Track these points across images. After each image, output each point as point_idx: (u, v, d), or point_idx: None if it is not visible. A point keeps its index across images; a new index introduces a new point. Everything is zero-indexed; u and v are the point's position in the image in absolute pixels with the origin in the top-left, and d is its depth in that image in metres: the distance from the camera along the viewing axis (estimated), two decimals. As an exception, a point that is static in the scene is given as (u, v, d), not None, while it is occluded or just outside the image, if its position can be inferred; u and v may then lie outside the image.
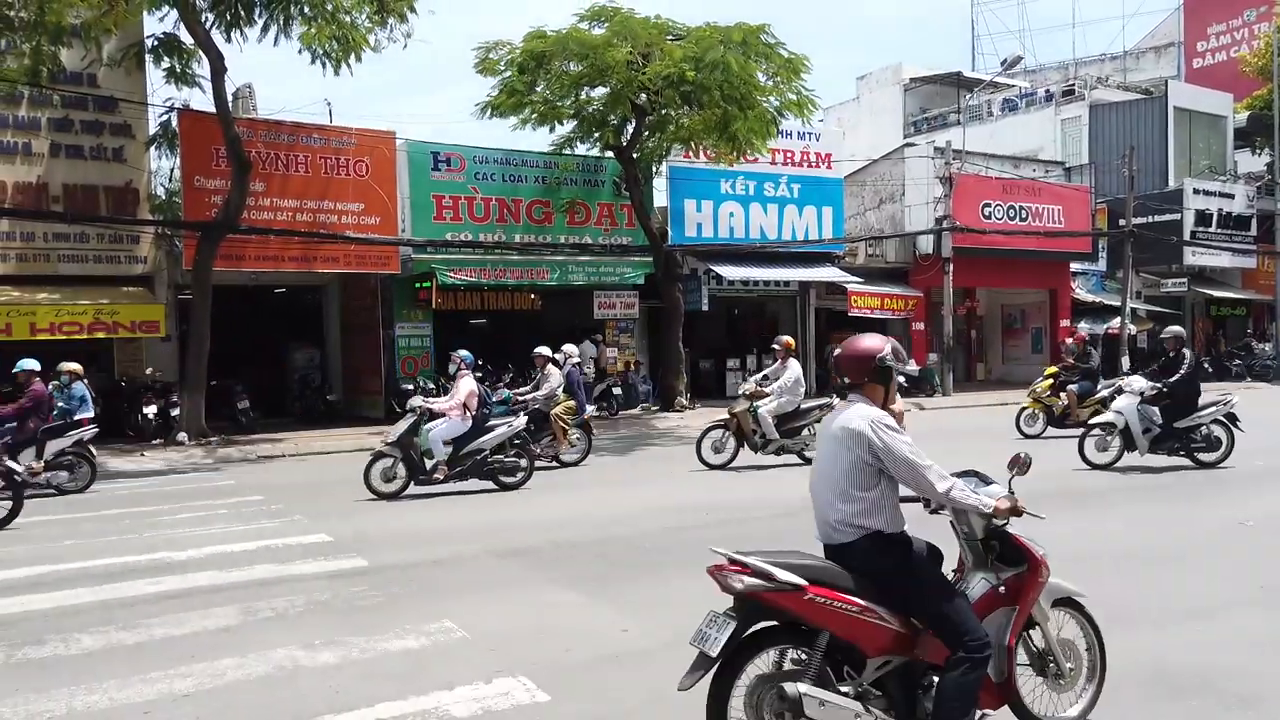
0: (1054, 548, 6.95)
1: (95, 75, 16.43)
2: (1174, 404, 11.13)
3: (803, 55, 17.12)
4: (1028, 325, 29.59)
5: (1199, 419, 11.15)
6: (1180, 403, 11.16)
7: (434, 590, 6.25)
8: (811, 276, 23.28)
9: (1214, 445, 11.24)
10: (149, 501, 10.42)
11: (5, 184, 16.05)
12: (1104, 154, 30.45)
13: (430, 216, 19.04)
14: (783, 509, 8.99)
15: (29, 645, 5.21)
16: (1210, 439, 11.24)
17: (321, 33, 14.20)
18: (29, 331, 15.04)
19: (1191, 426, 11.13)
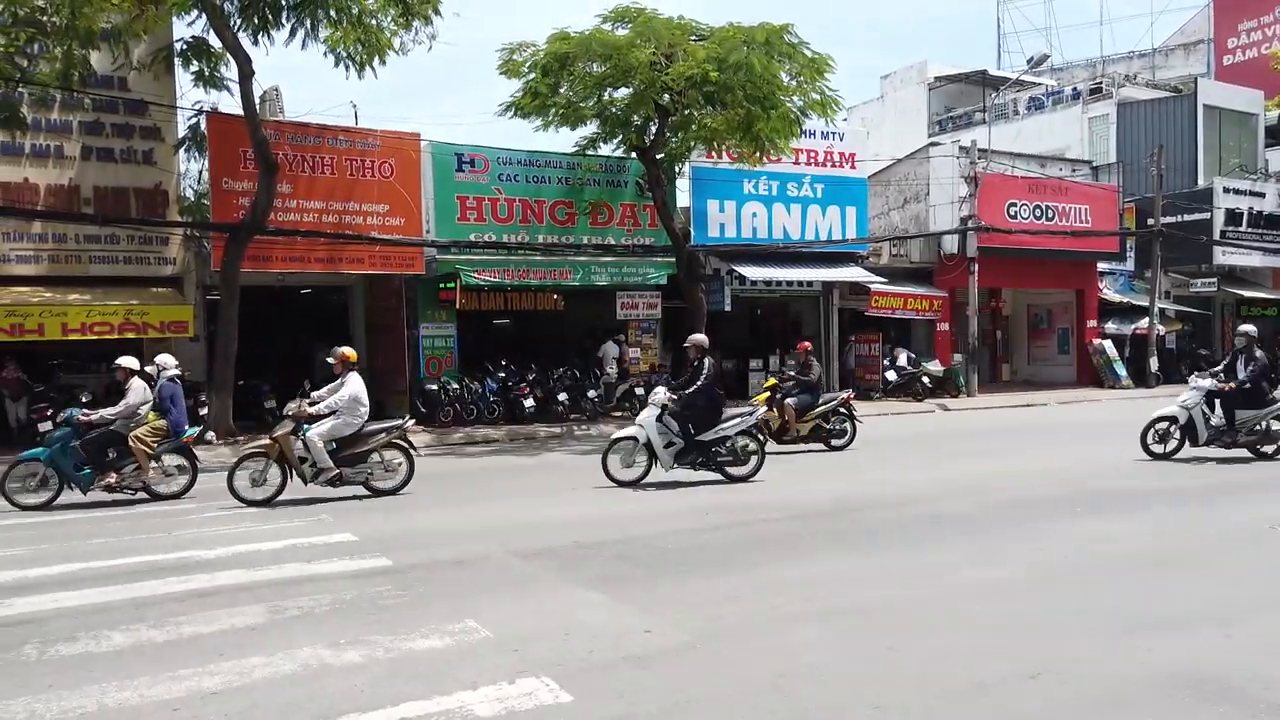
0: (1095, 548, 6.91)
1: (125, 79, 16.64)
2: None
3: (826, 55, 17.05)
4: (1054, 326, 29.33)
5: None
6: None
7: (457, 590, 6.30)
8: (835, 276, 23.20)
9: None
10: (177, 500, 10.55)
11: (38, 186, 16.31)
12: (1132, 153, 30.14)
13: (454, 217, 19.15)
14: (795, 511, 9.00)
15: (61, 642, 5.30)
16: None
17: (347, 36, 14.32)
18: (61, 331, 15.26)
19: None
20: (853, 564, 6.89)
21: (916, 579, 6.45)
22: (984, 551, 7.24)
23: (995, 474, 11.36)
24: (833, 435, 14.14)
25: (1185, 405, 11.83)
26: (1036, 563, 6.85)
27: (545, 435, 17.37)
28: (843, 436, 14.24)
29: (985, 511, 8.90)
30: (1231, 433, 11.75)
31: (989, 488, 10.26)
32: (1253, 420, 11.77)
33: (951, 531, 8.05)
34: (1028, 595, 6.00)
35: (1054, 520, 8.41)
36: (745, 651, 4.95)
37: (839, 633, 5.23)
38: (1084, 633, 5.20)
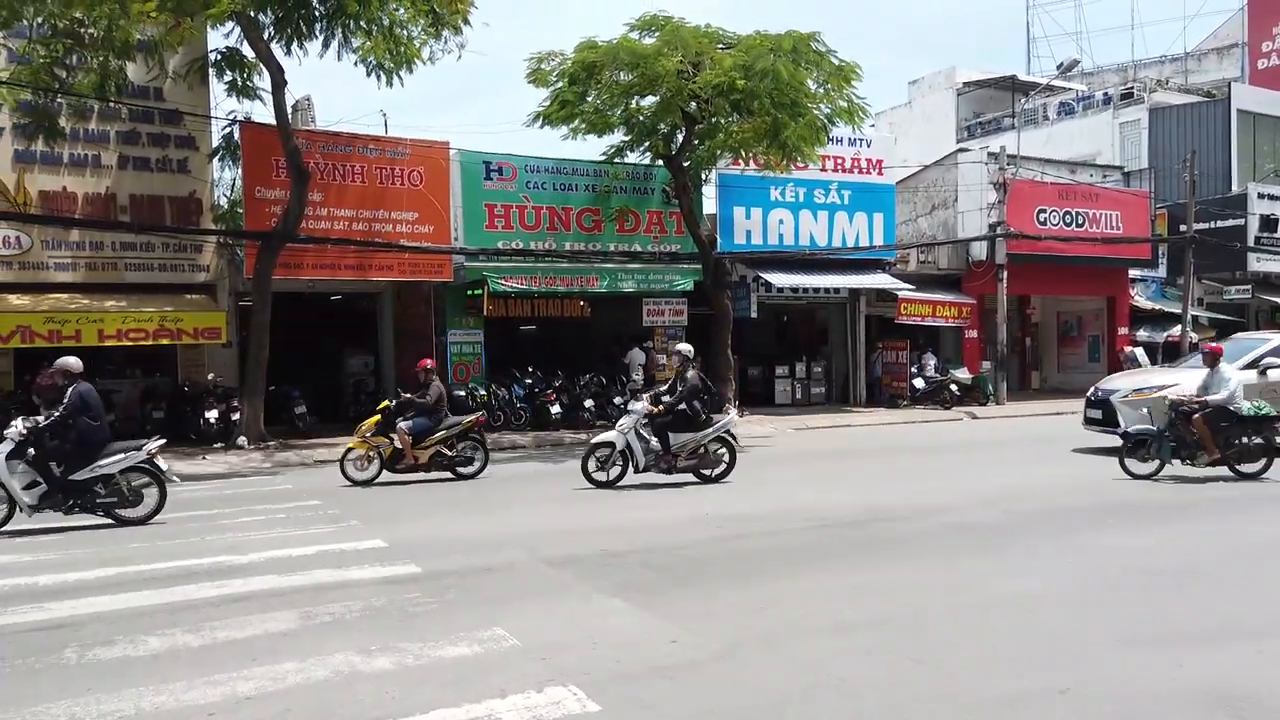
0: (1104, 562, 6.86)
1: (161, 89, 16.95)
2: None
3: (853, 63, 17.03)
4: (1085, 333, 29.04)
5: None
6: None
7: (486, 597, 6.35)
8: (862, 283, 23.12)
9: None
10: (211, 505, 10.72)
11: (76, 195, 16.63)
12: (1164, 158, 29.82)
13: (482, 225, 19.30)
14: (820, 521, 8.99)
15: (99, 646, 5.40)
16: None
17: (378, 46, 14.50)
18: (97, 338, 15.54)
19: None
20: (878, 575, 6.87)
21: (943, 590, 6.43)
22: (1011, 563, 7.21)
23: (1023, 485, 11.27)
24: (458, 462, 12.24)
25: (622, 430, 11.38)
26: (1064, 575, 6.81)
27: (571, 441, 17.42)
28: (469, 464, 12.37)
29: (1012, 523, 8.85)
30: (668, 457, 11.32)
31: (1016, 498, 10.19)
32: (690, 444, 11.40)
33: (978, 543, 8.01)
34: (1055, 608, 5.97)
35: (1082, 532, 8.34)
36: (772, 662, 4.96)
37: (866, 644, 5.23)
38: (1113, 646, 5.17)
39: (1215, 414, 11.21)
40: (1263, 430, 11.26)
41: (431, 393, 12.41)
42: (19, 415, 10.00)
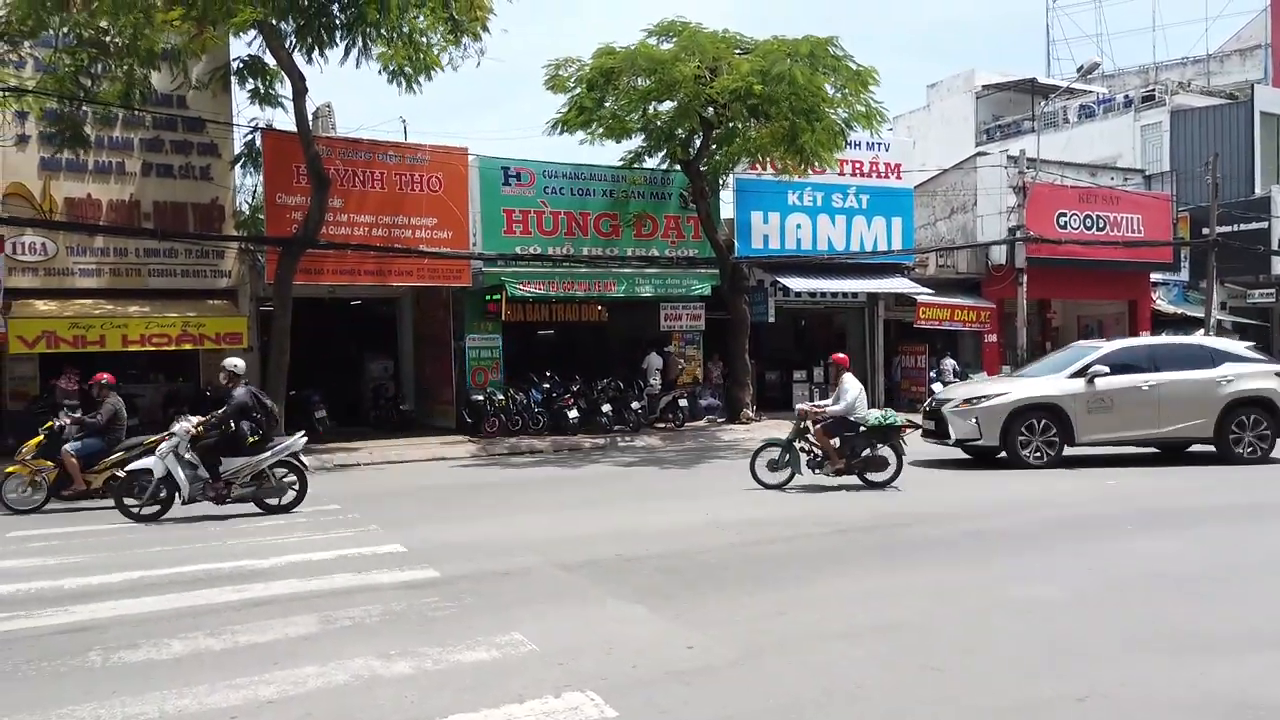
0: (1129, 567, 6.81)
1: (184, 97, 17.15)
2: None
3: (871, 67, 17.03)
4: (1106, 337, 28.79)
5: None
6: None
7: (503, 602, 6.39)
8: (880, 288, 23.07)
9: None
10: (233, 508, 10.80)
11: (100, 202, 16.85)
12: (1186, 161, 29.58)
13: (501, 230, 19.40)
14: (837, 525, 8.98)
15: (124, 649, 5.48)
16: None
17: (398, 53, 14.62)
18: (121, 343, 15.72)
19: None
20: (896, 580, 6.86)
21: (961, 596, 6.41)
22: (1029, 569, 7.18)
23: (1041, 491, 11.22)
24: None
25: (160, 455, 10.04)
26: (1083, 581, 6.77)
27: (589, 446, 17.48)
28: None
29: (1031, 529, 8.81)
30: (218, 484, 10.15)
31: (1035, 504, 10.15)
32: (246, 469, 10.21)
33: (996, 548, 7.98)
34: (1074, 614, 5.94)
35: (1101, 538, 8.29)
36: (789, 668, 4.97)
37: (883, 651, 5.23)
38: (1132, 654, 5.14)
39: (836, 424, 11.23)
40: (890, 439, 11.22)
41: (104, 411, 11.13)
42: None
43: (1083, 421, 12.86)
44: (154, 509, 10.05)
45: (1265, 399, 13.10)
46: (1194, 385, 13.01)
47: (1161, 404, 12.91)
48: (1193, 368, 13.19)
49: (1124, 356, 13.28)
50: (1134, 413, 12.89)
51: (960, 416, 13.07)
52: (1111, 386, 12.88)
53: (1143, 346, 14.02)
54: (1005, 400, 12.90)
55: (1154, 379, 12.99)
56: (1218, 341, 14.54)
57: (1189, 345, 14.17)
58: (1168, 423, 12.95)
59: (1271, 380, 13.24)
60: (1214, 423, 12.96)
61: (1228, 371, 13.13)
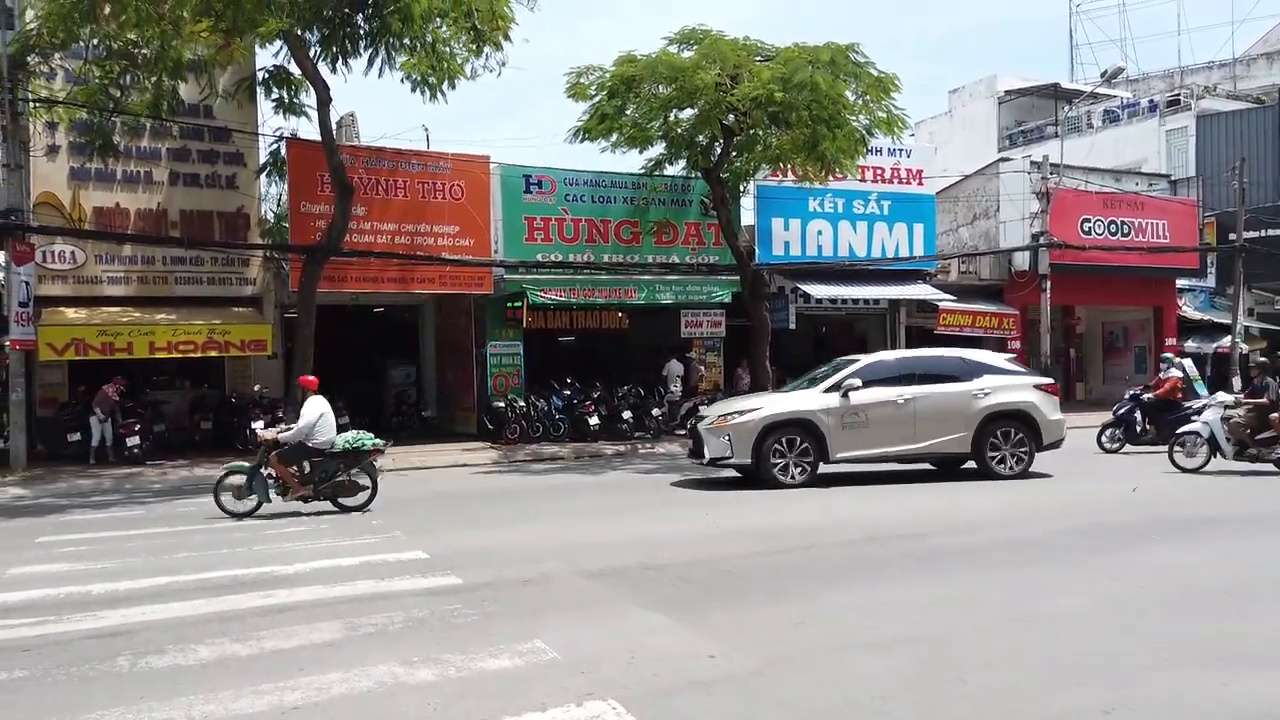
0: (1150, 579, 6.74)
1: (211, 107, 17.37)
2: None
3: (892, 74, 16.97)
4: (1131, 344, 28.58)
5: None
6: None
7: (525, 609, 6.42)
8: (902, 294, 22.98)
9: None
10: (257, 515, 10.91)
11: (128, 211, 17.09)
12: (1212, 166, 29.30)
13: (522, 238, 19.50)
14: (860, 534, 8.95)
15: (151, 654, 5.54)
16: None
17: (421, 63, 14.74)
18: (148, 350, 15.92)
19: None
20: (918, 590, 6.83)
21: (983, 607, 6.37)
22: (1054, 579, 7.12)
23: (1062, 500, 11.13)
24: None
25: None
26: (1107, 592, 6.71)
27: (610, 453, 17.51)
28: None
29: (1054, 538, 8.73)
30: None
31: (1055, 513, 10.07)
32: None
33: (1019, 558, 7.92)
34: (1098, 626, 5.89)
35: (1126, 548, 8.22)
36: (810, 679, 4.96)
37: (905, 662, 5.21)
38: (1157, 666, 5.09)
39: (294, 450, 10.52)
40: (360, 463, 10.83)
41: None
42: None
43: (837, 438, 12.19)
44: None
45: (1023, 412, 12.66)
46: (950, 399, 12.47)
47: (918, 418, 12.32)
48: (951, 381, 12.64)
49: (880, 370, 12.69)
50: (889, 428, 12.30)
51: (714, 434, 12.36)
52: (866, 401, 12.26)
53: (900, 359, 13.52)
54: (757, 417, 12.18)
55: (909, 392, 12.39)
56: (977, 354, 13.85)
57: (947, 357, 13.52)
58: (924, 438, 12.36)
59: (1030, 393, 12.83)
60: (971, 437, 12.43)
61: (986, 384, 12.62)
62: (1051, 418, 12.86)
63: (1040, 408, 12.78)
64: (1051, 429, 12.86)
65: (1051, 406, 12.97)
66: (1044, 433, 12.77)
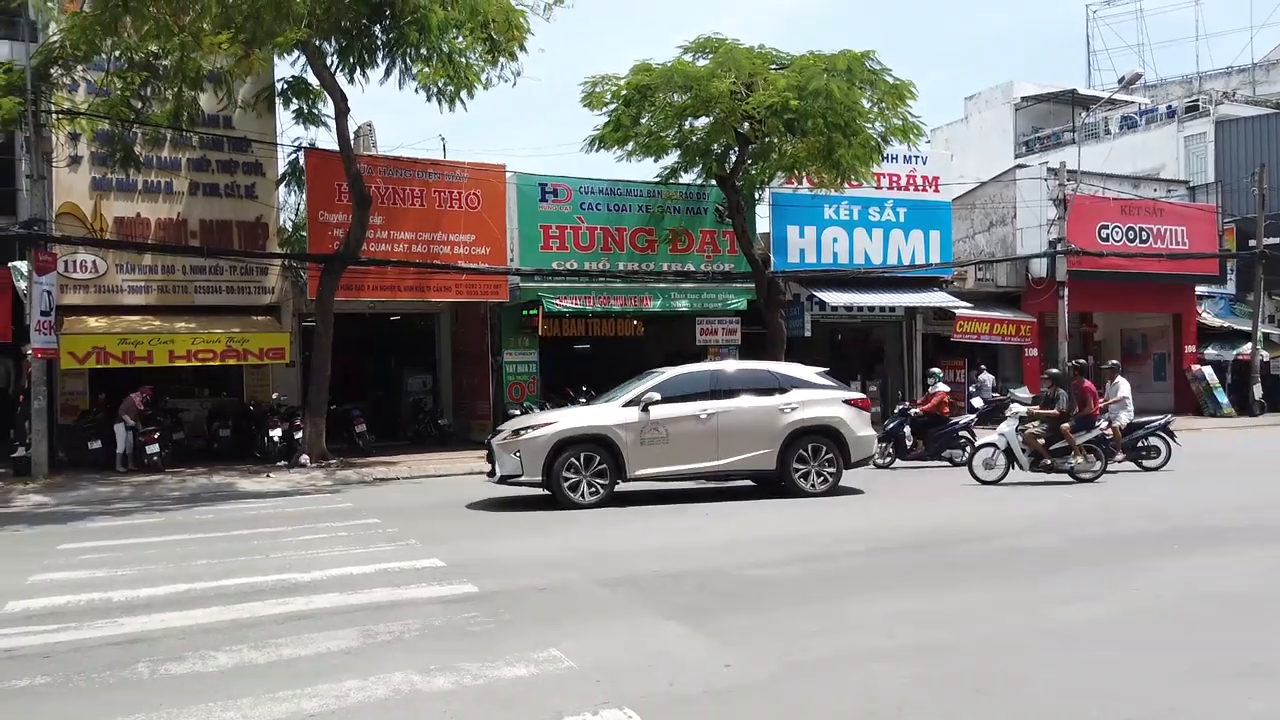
0: (1173, 588, 6.68)
1: (230, 118, 17.53)
2: None
3: (908, 81, 16.98)
4: (1150, 351, 28.36)
5: None
6: None
7: (541, 618, 6.42)
8: (918, 301, 22.90)
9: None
10: (275, 523, 10.99)
11: (149, 221, 17.25)
12: (1232, 172, 29.10)
13: (538, 246, 19.56)
14: (878, 543, 8.91)
15: (170, 661, 5.58)
16: None
17: (437, 73, 14.84)
18: (168, 358, 16.06)
19: None
20: (937, 600, 6.79)
21: (1004, 617, 6.33)
22: (1074, 589, 7.06)
23: (1084, 507, 11.05)
24: None
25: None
26: (1129, 602, 6.66)
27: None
28: None
29: (1075, 547, 8.67)
30: None
31: (1076, 522, 10.00)
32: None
33: (1040, 568, 7.86)
34: (1121, 636, 5.84)
35: (1148, 557, 8.15)
36: (829, 689, 4.94)
37: (926, 672, 5.18)
38: (1182, 677, 5.05)
39: None
40: None
41: None
42: None
43: (635, 454, 11.54)
44: None
45: (831, 428, 12.18)
46: (756, 413, 11.96)
47: (721, 434, 11.77)
48: (758, 395, 12.16)
49: (684, 384, 12.06)
50: (691, 444, 11.70)
51: (505, 451, 11.67)
52: (667, 415, 11.65)
53: (706, 372, 12.80)
54: (549, 432, 11.49)
55: (714, 407, 11.83)
56: (788, 367, 13.34)
57: (756, 371, 12.97)
58: (728, 454, 11.79)
59: (838, 408, 12.35)
60: (777, 453, 11.90)
61: (794, 399, 12.13)
62: (860, 433, 12.37)
63: (849, 423, 12.27)
64: (860, 445, 12.39)
65: (861, 422, 12.47)
66: (852, 449, 12.27)
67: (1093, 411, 13.31)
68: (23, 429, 16.02)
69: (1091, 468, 13.03)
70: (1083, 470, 12.98)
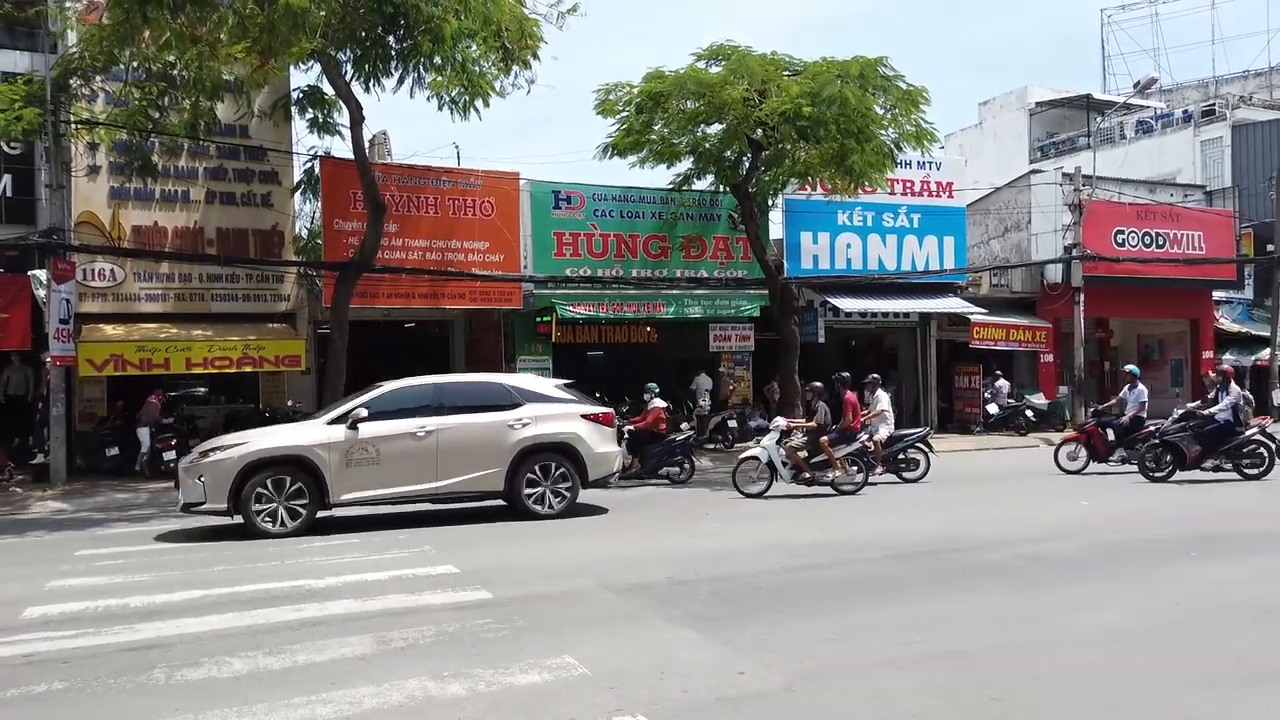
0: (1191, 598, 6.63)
1: (246, 127, 17.65)
2: None
3: (921, 87, 16.94)
4: (1167, 357, 28.16)
5: None
6: None
7: (555, 624, 6.44)
8: (932, 308, 22.83)
9: None
10: (292, 532, 11.02)
11: (166, 229, 17.39)
12: (1249, 176, 28.89)
13: (551, 253, 19.62)
14: (892, 550, 8.87)
15: (186, 667, 5.62)
16: None
17: (451, 82, 14.91)
18: (185, 366, 16.17)
19: None
20: (952, 606, 6.77)
21: (1019, 624, 6.30)
22: (1089, 596, 7.03)
23: (1101, 515, 10.98)
24: None
25: None
26: (1146, 609, 6.62)
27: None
28: None
29: (1092, 554, 8.62)
30: None
31: (1091, 528, 9.94)
32: None
33: (1056, 575, 7.82)
34: (1137, 644, 5.81)
35: (1165, 564, 8.09)
36: (842, 697, 4.93)
37: (940, 680, 5.16)
38: (1198, 685, 5.02)
39: None
40: None
41: None
42: None
43: (340, 477, 10.59)
44: None
45: (566, 445, 11.43)
46: (482, 430, 11.14)
47: (441, 453, 10.89)
48: (487, 410, 11.32)
49: (401, 398, 11.18)
50: (406, 464, 10.80)
51: (189, 475, 10.55)
52: (378, 433, 10.73)
53: (429, 385, 11.66)
54: (236, 454, 10.44)
55: (433, 424, 10.94)
56: (525, 380, 12.70)
57: (488, 384, 12.13)
58: (450, 474, 10.96)
59: (575, 423, 11.56)
60: (505, 473, 11.14)
61: (527, 414, 11.33)
62: (599, 450, 11.59)
63: (586, 439, 11.52)
64: (599, 462, 11.60)
65: (601, 438, 11.70)
66: (590, 467, 11.50)
67: (853, 425, 13.28)
68: (41, 436, 16.16)
69: (853, 480, 13.05)
70: (843, 483, 13.01)
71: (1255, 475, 13.60)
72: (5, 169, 16.98)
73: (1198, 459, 13.73)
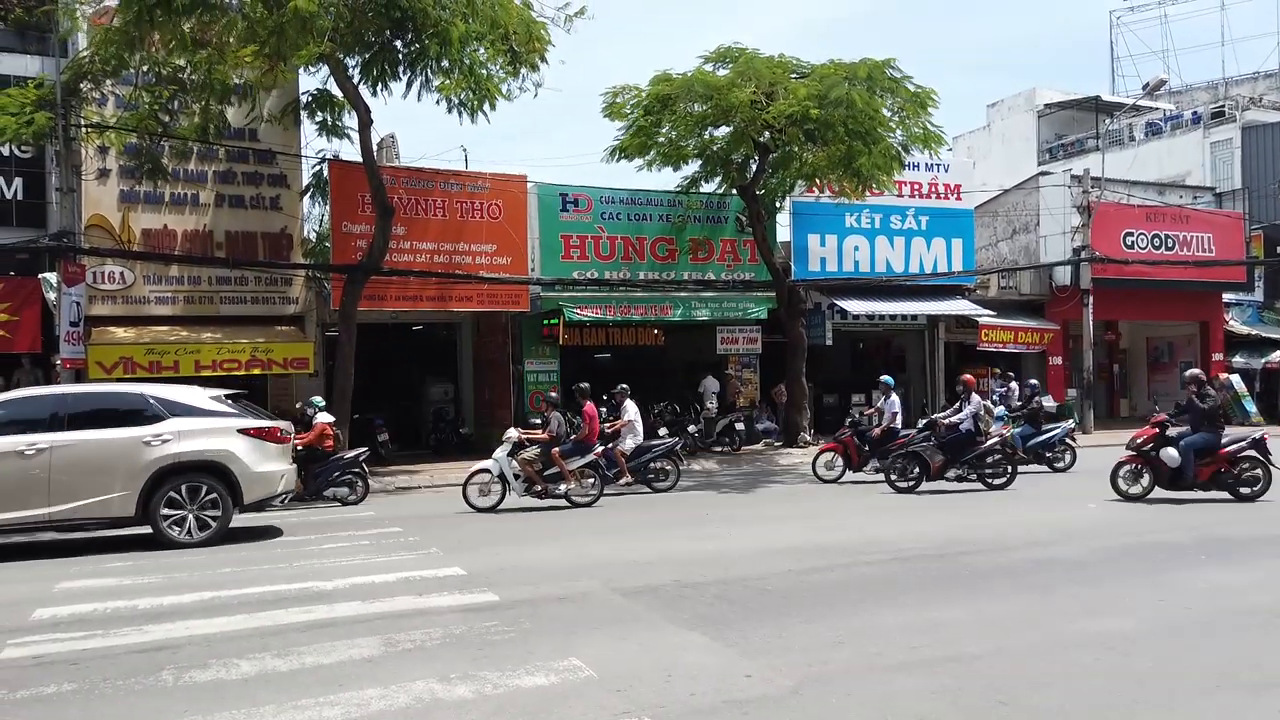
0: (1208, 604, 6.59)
1: (255, 131, 17.72)
2: None
3: (930, 89, 16.93)
4: (1176, 359, 28.04)
5: None
6: None
7: (561, 627, 6.44)
8: (940, 310, 22.79)
9: None
10: (298, 531, 11.08)
11: (175, 233, 17.47)
12: (1259, 178, 28.77)
13: (559, 256, 19.64)
14: (898, 553, 8.86)
15: (194, 669, 5.64)
16: None
17: (459, 85, 14.95)
18: (194, 368, 16.22)
19: None
20: (959, 610, 6.75)
21: (1026, 628, 6.28)
22: (1098, 600, 7.00)
23: (1108, 518, 10.94)
24: None
25: None
26: (1154, 613, 6.59)
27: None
28: None
29: (1099, 557, 8.59)
30: None
31: (1098, 532, 9.90)
32: None
33: (1063, 578, 7.80)
34: (1145, 648, 5.78)
35: (1172, 568, 8.06)
36: (849, 700, 4.93)
37: (947, 684, 5.15)
38: (1206, 690, 4.99)
39: None
40: None
41: None
42: None
43: None
44: None
45: (215, 463, 10.14)
46: (109, 447, 9.84)
47: (55, 474, 9.58)
48: (119, 425, 10.01)
49: (15, 410, 9.98)
50: (9, 488, 9.49)
51: None
52: None
53: (48, 396, 10.42)
54: None
55: (46, 440, 9.60)
56: (172, 390, 10.72)
57: (122, 394, 10.66)
58: (65, 499, 9.62)
59: (230, 439, 10.28)
60: (138, 496, 9.82)
61: (168, 429, 10.01)
62: (258, 469, 10.31)
63: (241, 458, 10.23)
64: (257, 483, 10.33)
65: (261, 456, 10.41)
66: (246, 487, 10.24)
67: (589, 436, 12.87)
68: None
69: (589, 493, 12.75)
70: (577, 495, 12.68)
71: (999, 485, 13.53)
72: (16, 172, 17.08)
73: (941, 469, 13.48)
